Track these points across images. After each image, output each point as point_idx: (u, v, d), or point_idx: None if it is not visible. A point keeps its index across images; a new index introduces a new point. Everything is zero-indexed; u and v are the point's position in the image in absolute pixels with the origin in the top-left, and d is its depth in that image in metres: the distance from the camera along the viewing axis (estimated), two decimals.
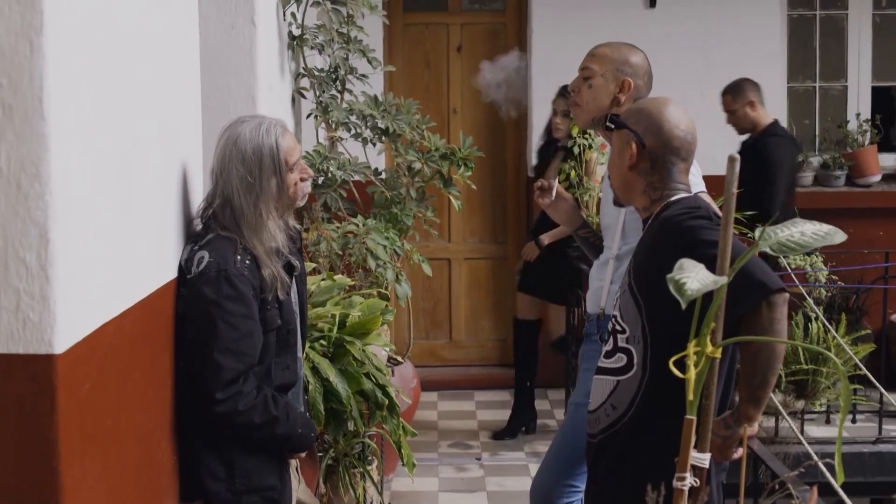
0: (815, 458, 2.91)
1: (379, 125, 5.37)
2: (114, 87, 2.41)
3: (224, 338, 2.86)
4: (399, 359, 5.57)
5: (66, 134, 2.13)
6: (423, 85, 7.94)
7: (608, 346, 2.94)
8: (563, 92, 6.21)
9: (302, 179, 3.11)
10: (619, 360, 2.89)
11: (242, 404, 2.88)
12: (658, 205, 2.90)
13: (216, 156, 3.03)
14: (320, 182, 5.21)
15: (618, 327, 2.91)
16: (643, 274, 2.83)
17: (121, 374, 2.46)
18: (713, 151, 4.38)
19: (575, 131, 6.36)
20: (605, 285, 3.69)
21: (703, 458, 2.29)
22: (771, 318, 2.64)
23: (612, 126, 2.98)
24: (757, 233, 1.97)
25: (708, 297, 1.95)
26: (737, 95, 6.70)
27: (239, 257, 2.92)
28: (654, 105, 2.94)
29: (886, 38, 8.25)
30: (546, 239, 6.60)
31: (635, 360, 2.84)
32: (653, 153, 2.89)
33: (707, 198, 3.37)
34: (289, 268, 3.10)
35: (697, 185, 3.46)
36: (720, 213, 2.87)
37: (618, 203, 3.11)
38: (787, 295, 2.68)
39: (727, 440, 2.76)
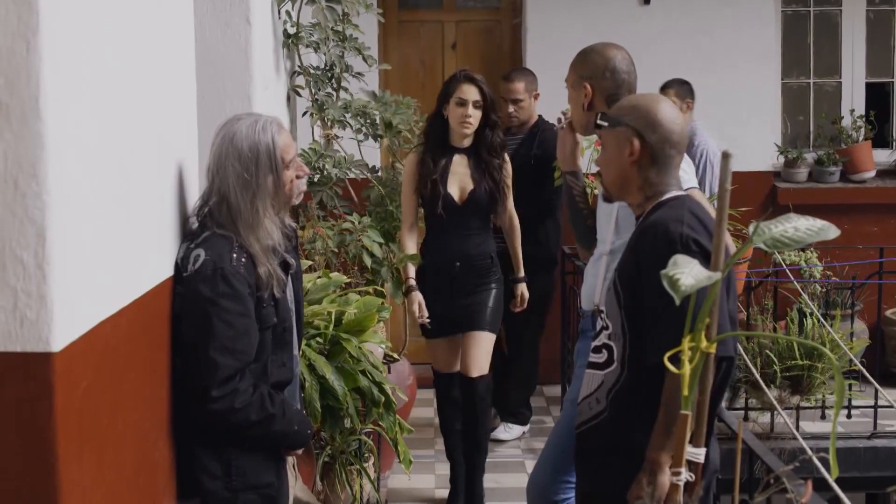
0: (811, 452, 2.93)
1: (382, 118, 5.39)
2: (110, 86, 2.41)
3: (220, 336, 2.86)
4: (395, 356, 5.58)
5: (63, 133, 2.13)
6: (419, 83, 7.94)
7: (596, 342, 2.98)
8: (472, 79, 5.18)
9: (298, 177, 3.12)
10: (602, 356, 2.93)
11: (239, 402, 2.89)
12: (651, 202, 2.94)
13: (212, 154, 3.03)
14: (316, 180, 5.23)
15: (603, 324, 2.95)
16: (626, 271, 2.88)
17: (118, 372, 2.46)
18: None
19: None
20: (598, 281, 3.71)
21: (698, 453, 2.31)
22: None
23: (605, 124, 3.01)
24: (750, 228, 1.98)
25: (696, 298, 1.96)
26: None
27: (235, 255, 2.93)
28: (649, 101, 2.98)
29: (880, 34, 8.26)
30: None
31: (615, 357, 2.88)
32: (654, 148, 2.93)
33: (699, 194, 3.39)
34: (284, 265, 3.10)
35: (689, 181, 3.48)
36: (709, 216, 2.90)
37: (608, 199, 3.14)
38: (722, 365, 2.75)
39: (658, 489, 2.75)
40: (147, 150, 2.72)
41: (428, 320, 5.22)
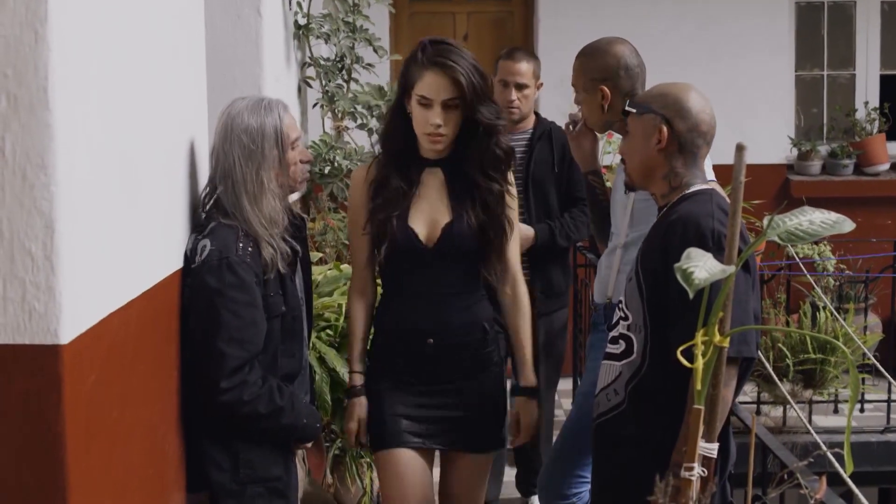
0: (824, 447, 2.90)
1: (383, 114, 5.36)
2: (119, 77, 2.40)
3: (227, 326, 2.85)
4: None
5: (72, 124, 2.12)
6: None
7: (614, 332, 2.95)
8: (443, 63, 3.22)
9: (302, 161, 3.10)
10: (619, 346, 2.90)
11: (247, 394, 2.87)
12: (676, 193, 2.89)
13: (217, 134, 3.01)
14: (326, 172, 5.21)
15: (622, 314, 2.92)
16: (649, 262, 2.83)
17: (127, 364, 2.45)
18: (720, 140, 4.35)
19: None
20: (612, 274, 3.68)
21: (711, 448, 2.29)
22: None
23: (633, 111, 2.96)
24: (765, 221, 1.96)
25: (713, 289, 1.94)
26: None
27: (241, 244, 2.91)
28: (678, 90, 2.94)
29: (895, 25, 8.21)
30: None
31: (635, 348, 2.85)
32: (681, 137, 2.89)
33: (717, 187, 3.37)
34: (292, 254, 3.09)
35: (708, 173, 3.46)
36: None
37: (631, 188, 3.10)
38: (736, 369, 2.72)
39: None
40: (156, 142, 2.70)
41: (363, 443, 3.42)
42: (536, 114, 5.09)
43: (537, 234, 4.84)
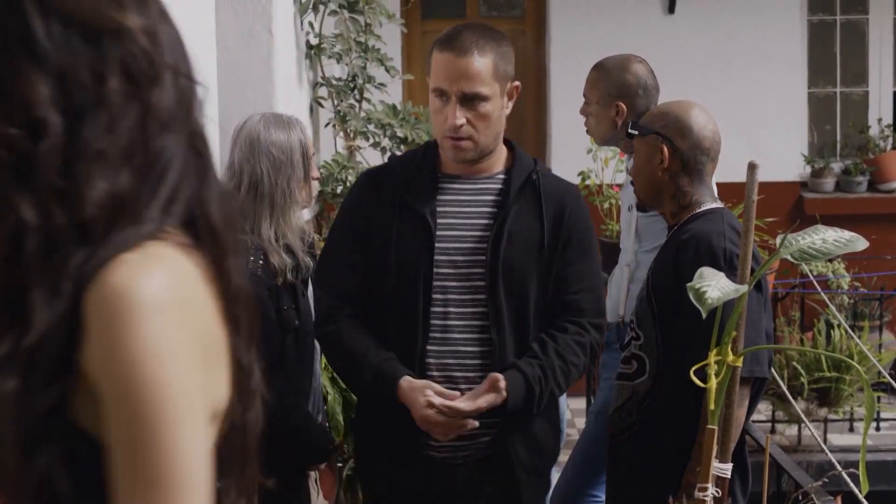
0: (839, 467, 2.89)
1: (398, 134, 5.37)
2: None
3: None
4: None
5: None
6: None
7: (626, 352, 2.94)
8: None
9: (314, 178, 3.13)
10: (632, 367, 2.88)
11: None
12: (687, 212, 2.87)
13: (238, 149, 3.01)
14: (339, 192, 5.21)
15: (633, 334, 2.90)
16: (661, 281, 2.81)
17: None
18: (734, 158, 4.34)
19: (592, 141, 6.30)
20: (622, 292, 3.68)
21: (725, 469, 2.27)
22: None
23: (636, 132, 2.95)
24: (778, 240, 1.95)
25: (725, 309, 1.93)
26: None
27: (251, 257, 2.91)
28: (680, 108, 2.92)
29: None
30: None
31: (647, 369, 2.83)
32: (685, 155, 2.87)
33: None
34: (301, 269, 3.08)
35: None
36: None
37: (641, 208, 3.10)
38: (748, 389, 2.69)
39: None
40: None
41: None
42: (509, 143, 2.84)
43: (509, 396, 2.66)
